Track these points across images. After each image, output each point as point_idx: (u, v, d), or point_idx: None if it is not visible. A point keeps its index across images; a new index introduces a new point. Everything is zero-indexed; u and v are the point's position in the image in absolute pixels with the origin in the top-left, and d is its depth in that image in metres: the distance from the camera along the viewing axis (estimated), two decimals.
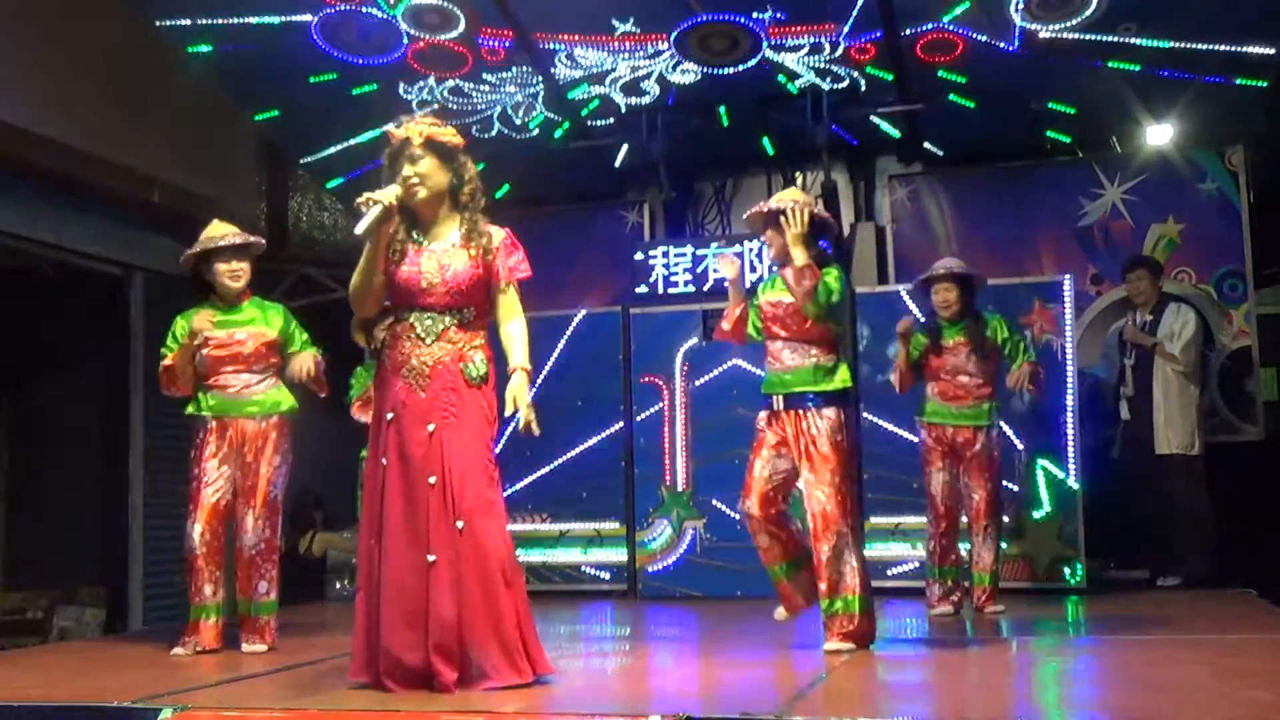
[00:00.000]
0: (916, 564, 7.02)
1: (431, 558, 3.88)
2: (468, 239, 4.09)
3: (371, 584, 3.99)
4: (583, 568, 7.58)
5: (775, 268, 5.00)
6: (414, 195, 4.06)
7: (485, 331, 4.14)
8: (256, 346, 5.21)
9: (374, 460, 4.06)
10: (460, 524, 3.88)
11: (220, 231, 5.27)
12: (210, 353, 5.14)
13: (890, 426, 7.14)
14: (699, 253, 7.88)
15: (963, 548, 6.04)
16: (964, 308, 5.94)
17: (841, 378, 4.72)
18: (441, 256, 4.06)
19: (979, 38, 7.18)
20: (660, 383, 7.49)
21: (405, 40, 7.33)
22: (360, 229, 3.98)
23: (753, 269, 7.60)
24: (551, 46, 7.48)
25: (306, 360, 5.22)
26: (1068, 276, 7.13)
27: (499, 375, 4.10)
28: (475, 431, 4.00)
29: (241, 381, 5.17)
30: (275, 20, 7.21)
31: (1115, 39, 7.05)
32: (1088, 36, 7.04)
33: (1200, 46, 7.04)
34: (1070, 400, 6.88)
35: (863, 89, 7.82)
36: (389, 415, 4.03)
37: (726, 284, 4.96)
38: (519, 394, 3.99)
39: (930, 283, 6.01)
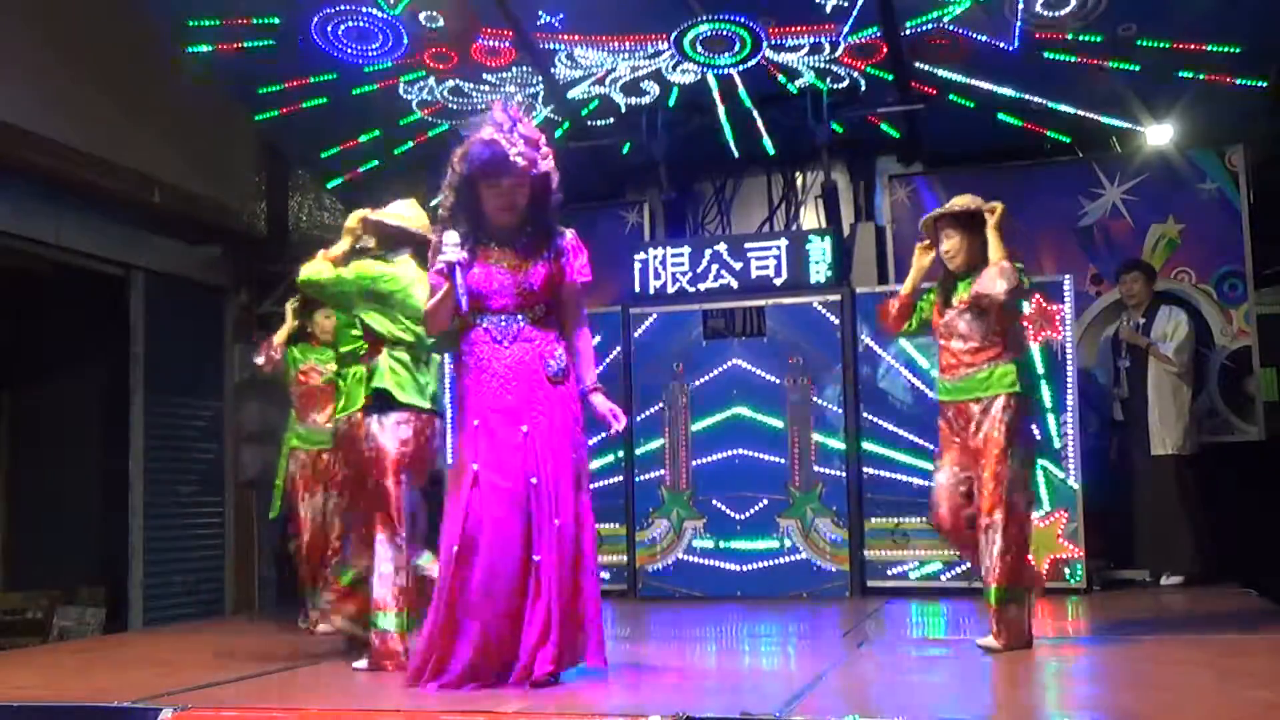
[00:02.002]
0: (915, 564, 7.02)
1: (537, 557, 3.92)
2: (540, 237, 4.09)
3: (455, 589, 3.93)
4: None
5: None
6: (504, 219, 4.05)
7: (558, 329, 4.14)
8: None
9: (461, 468, 4.02)
10: (557, 521, 3.93)
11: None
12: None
13: (890, 426, 7.13)
14: (700, 252, 7.86)
15: None
16: (972, 258, 4.73)
17: (418, 386, 4.51)
18: (512, 258, 4.05)
19: (979, 37, 7.18)
20: (660, 383, 7.48)
21: (405, 40, 7.34)
22: (464, 304, 3.93)
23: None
24: (551, 46, 7.47)
25: None
26: (1068, 276, 7.12)
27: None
28: (566, 430, 4.06)
29: None
30: (275, 20, 7.22)
31: (1115, 39, 7.05)
32: (1088, 36, 7.05)
33: (1200, 47, 7.04)
34: (1070, 400, 6.87)
35: (863, 89, 7.82)
36: (475, 421, 4.02)
37: None
38: (611, 407, 4.20)
39: (938, 226, 4.83)
